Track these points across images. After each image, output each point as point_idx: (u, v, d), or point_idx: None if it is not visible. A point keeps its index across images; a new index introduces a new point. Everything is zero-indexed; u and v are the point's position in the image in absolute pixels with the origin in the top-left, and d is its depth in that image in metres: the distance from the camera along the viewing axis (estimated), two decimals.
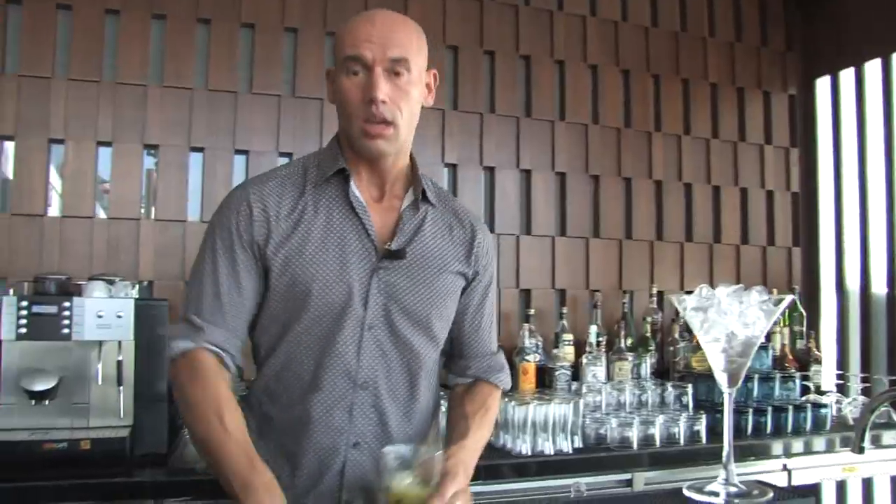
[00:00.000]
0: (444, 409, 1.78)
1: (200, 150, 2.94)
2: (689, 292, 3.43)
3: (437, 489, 1.30)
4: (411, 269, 1.54)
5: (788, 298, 1.32)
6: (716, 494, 1.36)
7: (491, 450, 2.60)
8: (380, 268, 1.51)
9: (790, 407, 2.98)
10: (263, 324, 1.54)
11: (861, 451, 1.57)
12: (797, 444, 2.89)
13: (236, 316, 1.49)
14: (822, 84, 3.91)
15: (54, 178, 2.84)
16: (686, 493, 1.40)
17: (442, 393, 1.76)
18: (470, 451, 1.47)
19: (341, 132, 1.56)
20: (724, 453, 1.38)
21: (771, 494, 1.37)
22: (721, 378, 1.36)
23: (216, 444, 1.36)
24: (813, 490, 1.73)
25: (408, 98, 1.46)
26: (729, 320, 1.25)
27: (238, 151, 2.99)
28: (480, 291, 1.69)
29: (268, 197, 1.51)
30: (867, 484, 2.13)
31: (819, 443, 2.93)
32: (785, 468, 2.83)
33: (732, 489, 1.36)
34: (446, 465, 1.35)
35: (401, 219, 1.55)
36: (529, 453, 2.54)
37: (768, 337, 3.46)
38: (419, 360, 1.57)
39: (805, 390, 3.20)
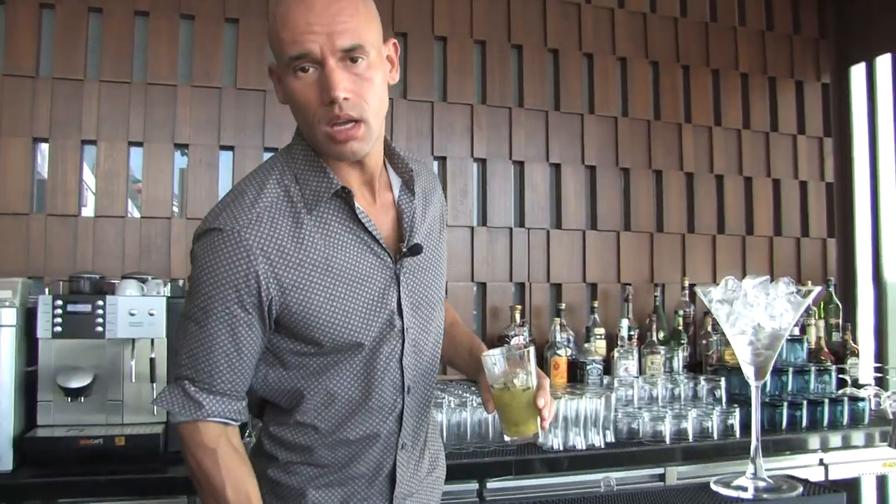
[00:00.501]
0: None
1: (230, 148, 2.96)
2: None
3: (538, 380, 1.40)
4: (423, 257, 1.46)
5: (816, 290, 1.29)
6: (744, 489, 1.34)
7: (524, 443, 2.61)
8: (400, 272, 1.41)
9: (826, 400, 2.93)
10: (284, 360, 1.39)
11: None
12: (834, 439, 2.85)
13: (235, 380, 1.32)
14: (857, 71, 3.84)
15: (89, 178, 2.88)
16: (714, 487, 1.38)
17: None
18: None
19: (306, 137, 1.36)
20: (752, 447, 1.36)
21: (800, 489, 1.35)
22: (748, 371, 1.34)
23: None
24: (851, 485, 1.68)
25: (372, 86, 1.28)
26: (755, 312, 1.23)
27: (268, 149, 3.00)
28: (444, 236, 1.62)
29: (267, 239, 1.29)
30: None
31: (857, 437, 2.89)
32: (821, 462, 2.79)
33: (761, 483, 1.33)
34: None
35: (401, 214, 1.44)
36: (561, 448, 2.53)
37: (803, 329, 3.42)
38: (440, 337, 1.55)
39: (842, 384, 3.15)
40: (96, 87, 2.81)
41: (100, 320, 2.28)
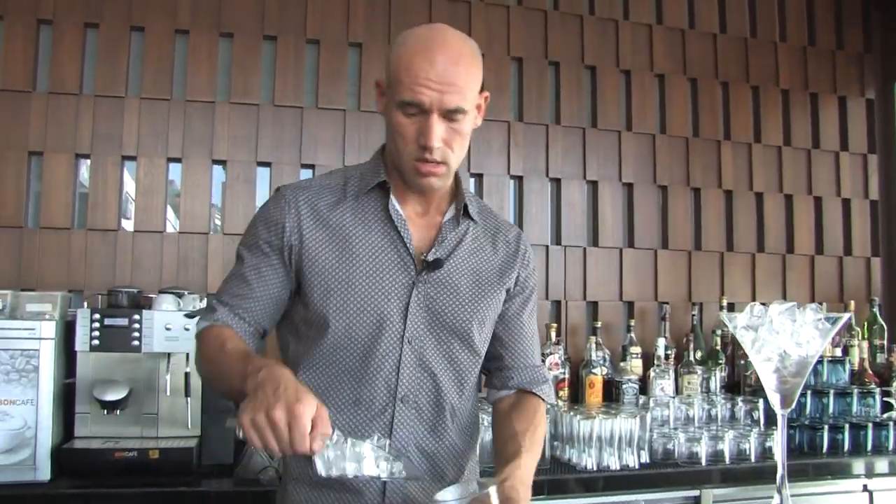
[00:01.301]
0: (486, 423, 1.74)
1: (268, 164, 3.00)
2: (764, 303, 3.35)
3: None
4: (452, 281, 1.54)
5: (845, 317, 1.25)
6: None
7: (555, 464, 2.57)
8: (419, 281, 1.51)
9: (869, 424, 2.86)
10: (298, 329, 1.55)
11: None
12: (879, 464, 2.78)
13: (253, 310, 1.50)
14: None
15: (131, 190, 2.93)
16: None
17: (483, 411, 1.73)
18: (525, 472, 1.42)
19: (389, 156, 1.54)
20: (779, 477, 1.31)
21: None
22: (774, 399, 1.30)
23: (218, 365, 1.40)
24: None
25: (461, 137, 1.46)
26: (781, 339, 1.20)
27: (304, 165, 3.03)
28: (520, 301, 1.67)
29: (307, 201, 1.52)
30: None
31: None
32: (865, 489, 2.72)
33: None
34: (504, 487, 1.30)
35: (440, 231, 1.56)
36: (595, 468, 2.50)
37: (845, 351, 3.33)
38: (461, 374, 1.57)
39: (886, 407, 3.06)
40: (137, 103, 2.86)
41: (136, 334, 2.31)
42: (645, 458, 2.59)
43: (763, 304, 1.29)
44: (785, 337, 1.19)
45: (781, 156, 3.66)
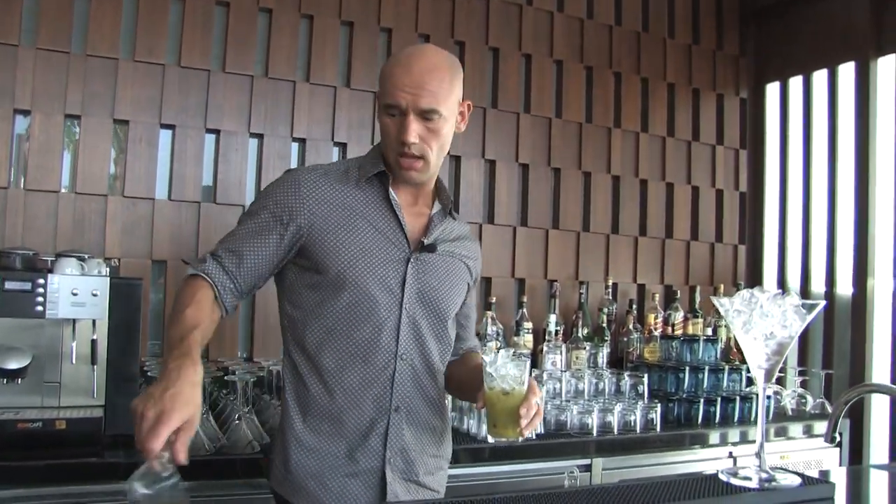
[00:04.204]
0: None
1: (171, 127, 2.90)
2: (642, 286, 3.56)
3: (529, 391, 1.61)
4: (439, 264, 1.82)
5: (821, 304, 1.43)
6: (749, 479, 1.48)
7: (455, 434, 2.67)
8: (413, 259, 1.76)
9: (737, 398, 3.13)
10: (302, 296, 1.75)
11: (833, 440, 1.69)
12: (743, 433, 3.05)
13: (240, 266, 1.68)
14: (772, 89, 4.08)
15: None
16: (721, 477, 1.52)
17: None
18: None
19: (382, 150, 1.79)
20: (758, 443, 1.51)
21: (799, 480, 1.50)
22: (758, 374, 1.49)
23: (174, 321, 1.54)
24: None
25: (437, 136, 1.70)
26: (770, 322, 1.36)
27: (209, 130, 2.96)
28: (472, 292, 2.02)
29: (313, 182, 1.74)
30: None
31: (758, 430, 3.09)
32: (730, 455, 2.98)
33: (764, 475, 1.48)
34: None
35: (431, 221, 1.83)
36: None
37: (714, 331, 3.62)
38: (444, 337, 1.85)
39: (749, 382, 3.35)
40: (32, 54, 2.69)
41: (40, 299, 2.21)
42: (540, 429, 2.73)
43: (749, 291, 1.43)
44: (773, 320, 1.35)
45: (665, 146, 3.89)
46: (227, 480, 2.19)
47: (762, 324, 1.37)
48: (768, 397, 3.20)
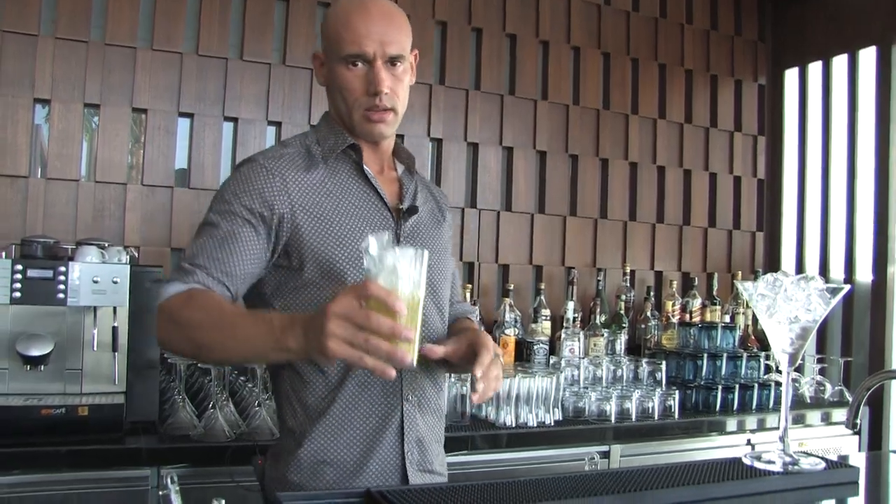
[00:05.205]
0: None
1: (189, 115, 2.91)
2: (660, 273, 3.54)
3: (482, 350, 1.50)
4: (424, 228, 1.70)
5: (846, 288, 1.42)
6: (773, 462, 1.47)
7: (474, 421, 2.68)
8: (400, 230, 1.63)
9: (755, 385, 3.12)
10: (292, 299, 1.56)
11: (855, 426, 1.68)
12: (761, 420, 3.05)
13: (230, 273, 1.48)
14: (791, 75, 4.04)
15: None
16: (745, 461, 1.51)
17: None
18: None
19: (337, 115, 1.65)
20: (781, 427, 1.51)
21: (823, 464, 1.49)
22: (782, 358, 1.47)
23: (226, 330, 1.36)
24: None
25: (403, 85, 1.60)
26: (794, 305, 1.35)
27: (227, 118, 2.97)
28: (450, 246, 1.85)
29: (285, 169, 1.55)
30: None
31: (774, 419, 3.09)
32: (749, 443, 2.98)
33: (788, 458, 1.47)
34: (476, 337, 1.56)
35: (402, 185, 1.70)
36: (513, 424, 2.62)
37: (732, 318, 3.61)
38: (443, 307, 1.72)
39: (767, 369, 3.34)
40: (52, 44, 2.71)
41: (62, 287, 2.22)
42: (558, 415, 2.73)
43: (773, 275, 1.43)
44: (798, 304, 1.34)
45: (683, 132, 3.87)
46: (248, 466, 2.21)
47: (786, 307, 1.36)
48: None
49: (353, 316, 1.18)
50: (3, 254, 2.31)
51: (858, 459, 1.82)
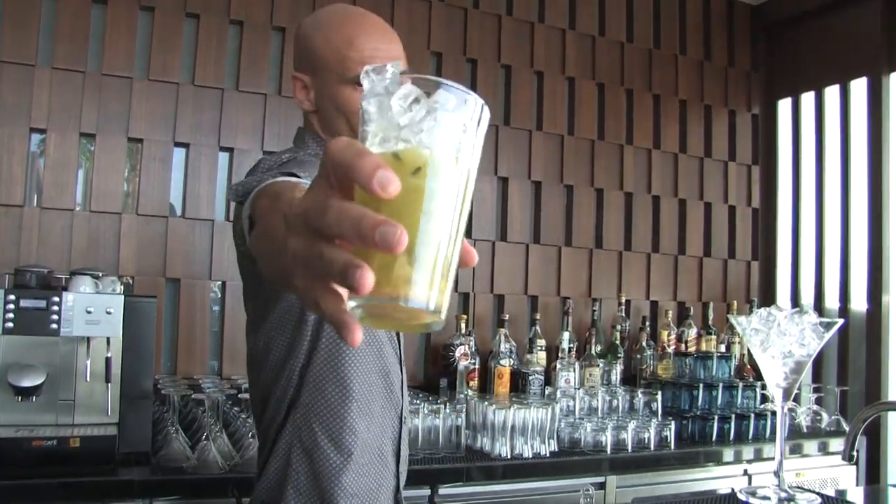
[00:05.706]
0: None
1: (185, 145, 2.92)
2: (655, 302, 3.53)
3: None
4: None
5: (839, 323, 1.42)
6: (768, 498, 1.46)
7: (470, 451, 2.66)
8: None
9: (752, 415, 3.11)
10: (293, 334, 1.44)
11: (851, 458, 1.67)
12: (758, 451, 3.03)
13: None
14: (784, 105, 4.07)
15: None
16: (740, 496, 1.49)
17: None
18: None
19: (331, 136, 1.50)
20: (777, 462, 1.49)
21: (819, 500, 1.48)
22: (776, 393, 1.46)
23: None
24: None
25: None
26: (788, 340, 1.34)
27: (223, 148, 2.97)
28: None
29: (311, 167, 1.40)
30: None
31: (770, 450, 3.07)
32: (745, 473, 2.97)
33: (783, 494, 1.46)
34: None
35: None
36: (509, 456, 2.60)
37: (728, 347, 3.60)
38: None
39: (764, 399, 3.33)
40: (48, 74, 2.72)
41: (55, 317, 2.21)
42: (554, 446, 2.71)
43: (766, 309, 1.42)
44: (791, 338, 1.33)
45: (678, 162, 3.89)
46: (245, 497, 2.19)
47: (780, 342, 1.35)
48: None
49: (309, 211, 0.59)
50: None
51: (857, 494, 1.82)
